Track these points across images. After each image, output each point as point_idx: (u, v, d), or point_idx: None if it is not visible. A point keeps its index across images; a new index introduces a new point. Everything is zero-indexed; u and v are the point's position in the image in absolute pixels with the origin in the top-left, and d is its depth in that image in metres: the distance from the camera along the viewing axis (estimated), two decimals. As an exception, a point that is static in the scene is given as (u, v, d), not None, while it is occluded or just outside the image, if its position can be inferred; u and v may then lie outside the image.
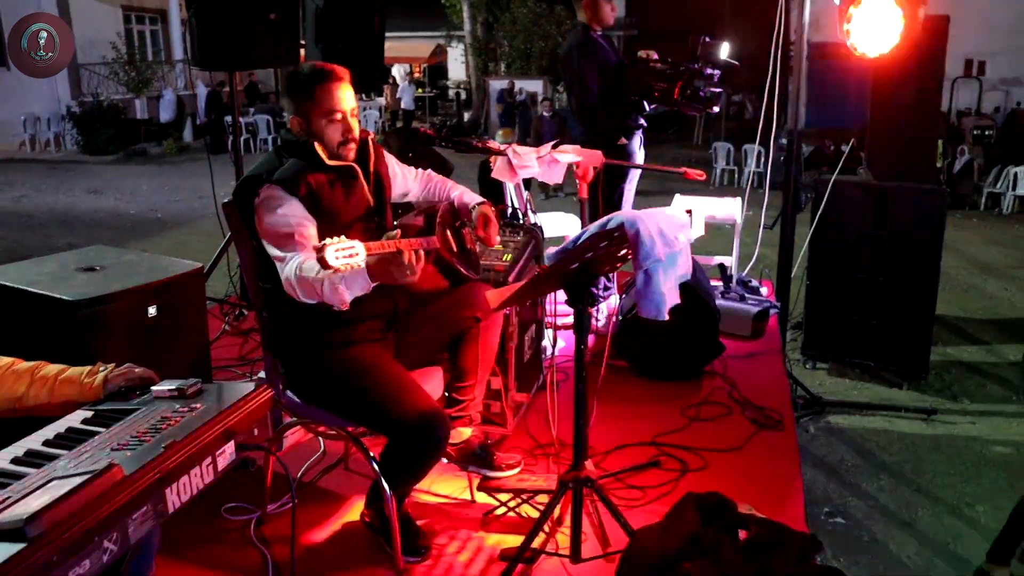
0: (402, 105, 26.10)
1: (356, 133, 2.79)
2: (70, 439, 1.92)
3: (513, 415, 3.67)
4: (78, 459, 1.79)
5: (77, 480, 1.59)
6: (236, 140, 5.41)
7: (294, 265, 2.56)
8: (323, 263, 2.19)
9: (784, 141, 6.35)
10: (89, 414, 2.06)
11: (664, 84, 4.80)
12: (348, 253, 2.23)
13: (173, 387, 2.07)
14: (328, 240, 2.21)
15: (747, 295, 5.37)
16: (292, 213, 2.64)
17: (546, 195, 4.27)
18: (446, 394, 3.10)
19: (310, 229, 2.66)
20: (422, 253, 2.49)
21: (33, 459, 1.83)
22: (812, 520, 4.10)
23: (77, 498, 1.54)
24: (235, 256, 4.75)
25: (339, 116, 2.73)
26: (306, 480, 3.38)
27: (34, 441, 1.92)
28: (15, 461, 1.83)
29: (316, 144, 2.73)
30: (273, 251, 2.65)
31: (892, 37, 4.37)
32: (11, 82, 20.52)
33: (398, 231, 2.53)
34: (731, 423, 3.94)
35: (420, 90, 30.64)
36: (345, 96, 2.75)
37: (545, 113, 16.12)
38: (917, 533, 4.34)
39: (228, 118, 18.43)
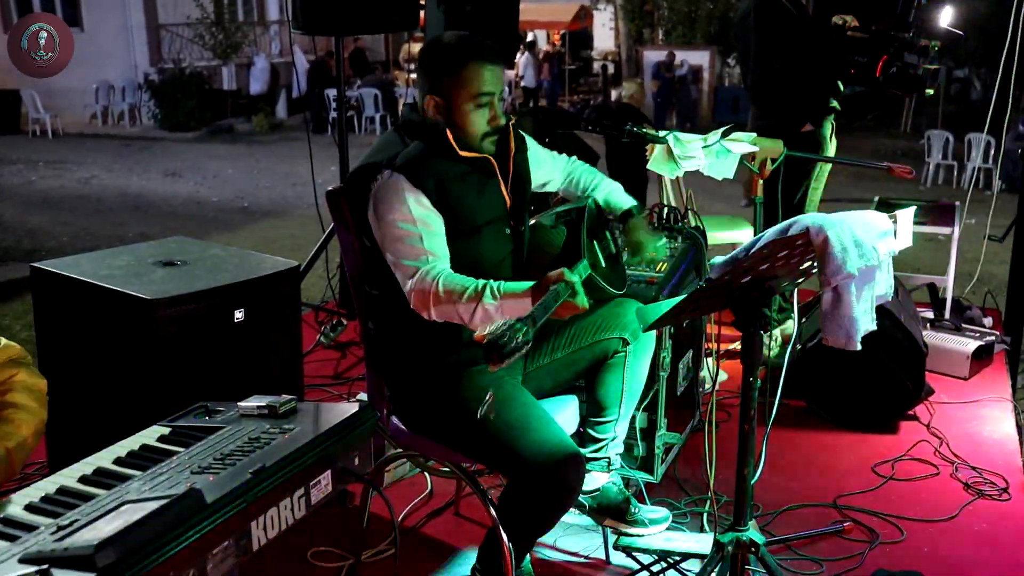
0: (523, 83, 26.17)
1: (502, 122, 2.82)
2: (145, 458, 2.02)
3: (661, 460, 3.67)
4: (153, 482, 1.88)
5: (153, 505, 1.67)
6: (342, 117, 5.58)
7: (429, 280, 2.62)
8: (493, 361, 2.22)
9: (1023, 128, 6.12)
10: (166, 431, 2.16)
11: (864, 58, 4.72)
12: (519, 340, 2.26)
13: (263, 404, 2.16)
14: (491, 328, 2.23)
15: (964, 325, 5.21)
16: (419, 210, 2.70)
17: (749, 201, 4.19)
18: (581, 430, 3.13)
19: (440, 231, 2.72)
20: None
21: (103, 479, 1.93)
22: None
23: (153, 526, 1.61)
24: (335, 255, 4.92)
25: (487, 100, 2.78)
26: (408, 524, 3.47)
27: (104, 459, 2.03)
28: (83, 480, 1.94)
29: (448, 131, 2.77)
30: (393, 256, 2.72)
31: None
32: (82, 45, 21.74)
33: (572, 280, 2.54)
34: (938, 487, 3.84)
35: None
36: (498, 78, 2.80)
37: None
38: None
39: (331, 91, 18.98)
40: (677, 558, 3.14)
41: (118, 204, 12.96)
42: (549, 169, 3.17)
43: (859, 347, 2.62)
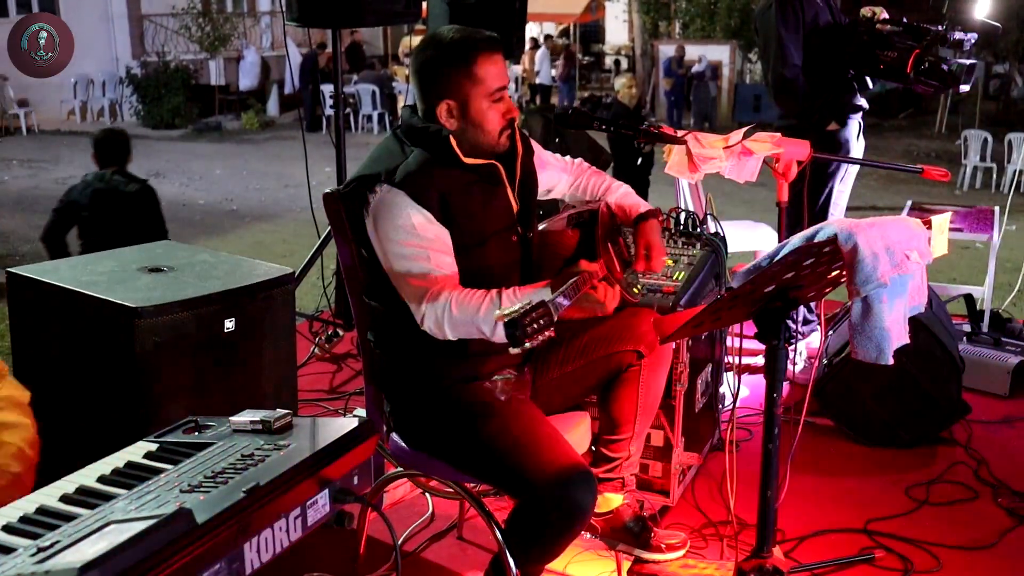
0: (538, 79, 26.22)
1: (517, 112, 2.84)
2: (130, 476, 2.04)
3: (678, 481, 3.68)
4: (140, 501, 1.90)
5: (140, 525, 1.69)
6: (339, 115, 5.59)
7: (441, 301, 2.63)
8: (516, 342, 2.24)
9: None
10: (153, 447, 2.18)
11: (894, 53, 4.72)
12: (542, 323, 2.28)
13: (256, 419, 2.17)
14: (510, 309, 2.25)
15: (1004, 339, 5.21)
16: (422, 226, 2.70)
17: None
18: (593, 448, 3.13)
19: (445, 245, 2.73)
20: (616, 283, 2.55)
21: (86, 497, 1.95)
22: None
23: (140, 547, 1.63)
24: (330, 261, 4.92)
25: (502, 95, 2.79)
26: (408, 548, 3.48)
27: (87, 476, 2.05)
28: (65, 499, 1.95)
29: (451, 138, 2.76)
30: (398, 273, 2.73)
31: None
32: (62, 36, 21.77)
33: (594, 268, 2.57)
34: (977, 512, 3.84)
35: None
36: (505, 67, 2.82)
37: None
38: None
39: (326, 87, 19.03)
40: (695, 586, 3.15)
41: (98, 206, 12.95)
42: (555, 173, 3.17)
43: (891, 362, 2.63)
